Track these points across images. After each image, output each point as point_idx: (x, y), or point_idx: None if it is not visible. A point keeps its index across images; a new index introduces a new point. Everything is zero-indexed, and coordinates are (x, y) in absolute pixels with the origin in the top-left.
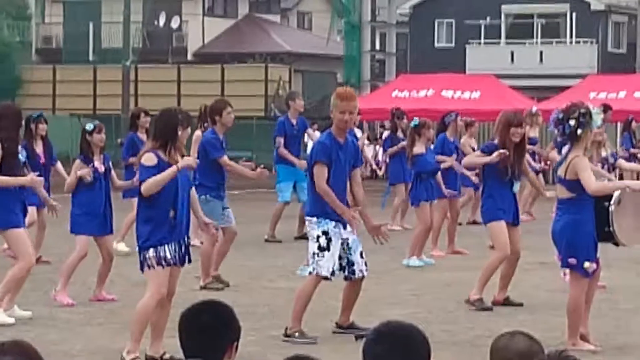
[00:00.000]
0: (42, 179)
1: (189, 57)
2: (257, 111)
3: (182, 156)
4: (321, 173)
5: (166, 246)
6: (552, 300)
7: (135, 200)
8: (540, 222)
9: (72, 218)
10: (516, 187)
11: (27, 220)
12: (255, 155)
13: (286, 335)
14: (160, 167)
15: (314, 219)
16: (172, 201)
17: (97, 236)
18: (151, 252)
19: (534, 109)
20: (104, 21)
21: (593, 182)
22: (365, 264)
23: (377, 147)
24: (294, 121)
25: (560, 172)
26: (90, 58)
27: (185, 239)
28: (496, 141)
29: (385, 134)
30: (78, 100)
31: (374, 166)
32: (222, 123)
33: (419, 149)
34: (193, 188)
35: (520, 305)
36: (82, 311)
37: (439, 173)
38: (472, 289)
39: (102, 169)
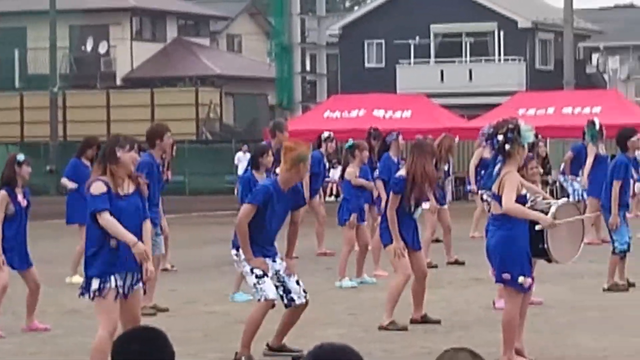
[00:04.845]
0: None
1: (118, 82)
2: (188, 135)
3: (131, 178)
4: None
5: (111, 276)
6: (487, 315)
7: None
8: (472, 240)
9: None
10: (417, 214)
11: None
12: (188, 180)
13: None
14: (110, 194)
15: (242, 257)
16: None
17: (22, 271)
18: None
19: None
20: (30, 47)
21: (511, 201)
22: (304, 291)
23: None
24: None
25: (494, 188)
26: (17, 85)
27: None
28: (403, 172)
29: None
30: (5, 127)
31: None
32: (161, 147)
33: (351, 169)
34: (148, 220)
35: (438, 322)
36: (14, 341)
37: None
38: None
39: (24, 203)
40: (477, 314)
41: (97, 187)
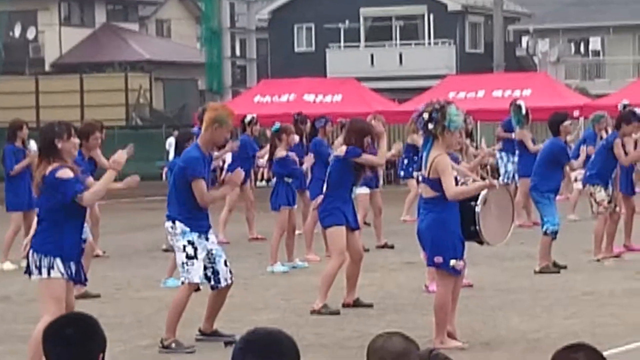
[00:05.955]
0: None
1: (47, 67)
2: (118, 120)
3: (72, 169)
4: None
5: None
6: (419, 299)
7: (16, 214)
8: (404, 223)
9: None
10: (354, 192)
11: None
12: None
13: (163, 347)
14: (76, 177)
15: (179, 230)
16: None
17: None
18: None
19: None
20: None
21: (452, 186)
22: (230, 272)
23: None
24: None
25: (424, 171)
26: None
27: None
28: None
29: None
30: None
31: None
32: (87, 147)
33: (280, 152)
34: None
35: (370, 306)
36: None
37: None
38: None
39: None
40: (409, 298)
41: (65, 172)
